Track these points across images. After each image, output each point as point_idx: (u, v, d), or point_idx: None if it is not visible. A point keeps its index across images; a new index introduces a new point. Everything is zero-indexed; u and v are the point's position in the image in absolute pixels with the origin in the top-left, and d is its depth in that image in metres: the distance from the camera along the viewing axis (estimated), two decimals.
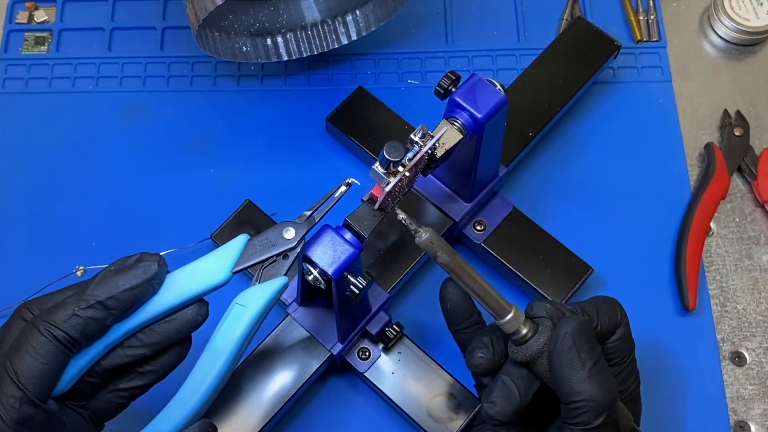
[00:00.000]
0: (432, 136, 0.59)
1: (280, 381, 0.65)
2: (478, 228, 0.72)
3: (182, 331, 0.53)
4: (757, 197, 0.78)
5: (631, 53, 0.83)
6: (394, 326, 0.67)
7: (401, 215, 0.56)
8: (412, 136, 0.58)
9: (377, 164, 0.57)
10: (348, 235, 0.57)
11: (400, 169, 0.57)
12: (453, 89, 0.62)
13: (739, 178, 0.79)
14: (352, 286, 0.56)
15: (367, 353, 0.67)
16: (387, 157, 0.56)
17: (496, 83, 0.62)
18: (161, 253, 0.70)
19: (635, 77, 0.82)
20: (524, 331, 0.54)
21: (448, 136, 0.60)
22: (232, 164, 0.78)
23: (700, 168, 0.79)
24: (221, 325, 0.54)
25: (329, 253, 0.56)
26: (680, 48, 0.84)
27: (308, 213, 0.57)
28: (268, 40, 0.79)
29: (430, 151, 0.59)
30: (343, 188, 0.57)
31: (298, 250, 0.56)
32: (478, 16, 0.85)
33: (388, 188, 0.57)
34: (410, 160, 0.57)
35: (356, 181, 0.57)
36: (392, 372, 0.67)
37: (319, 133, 0.79)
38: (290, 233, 0.56)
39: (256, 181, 0.78)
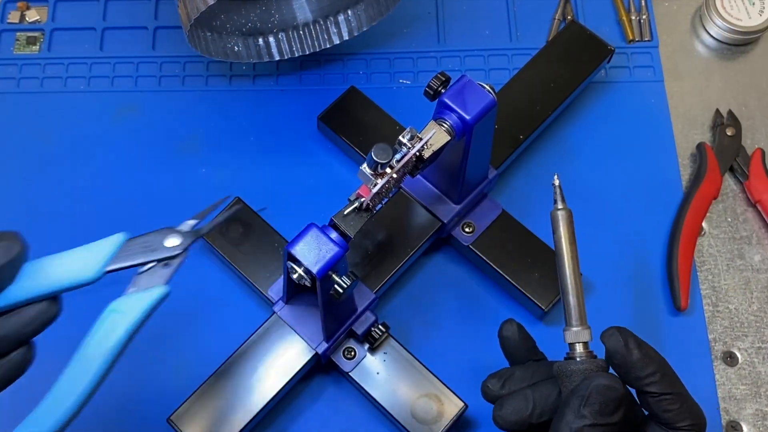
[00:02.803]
0: (420, 138, 0.59)
1: (264, 379, 0.65)
2: (467, 230, 0.72)
3: (29, 328, 0.46)
4: (749, 197, 0.78)
5: (623, 53, 0.83)
6: (380, 326, 0.67)
7: (557, 181, 0.59)
8: (400, 137, 0.59)
9: (365, 165, 0.58)
10: (333, 235, 0.57)
11: (388, 170, 0.57)
12: (442, 90, 0.62)
13: (731, 178, 0.79)
14: (336, 286, 0.56)
15: (353, 353, 0.67)
16: (375, 159, 0.56)
17: (486, 85, 0.62)
18: None
19: (627, 77, 0.82)
20: (578, 350, 0.55)
21: (436, 137, 0.60)
22: (224, 163, 0.78)
23: (692, 168, 0.79)
24: (95, 331, 0.49)
25: (314, 252, 0.56)
26: (672, 48, 0.84)
27: (192, 222, 0.53)
28: (260, 40, 0.79)
29: (418, 153, 0.59)
30: (229, 204, 0.56)
31: (181, 260, 0.52)
32: (469, 15, 0.85)
33: (375, 189, 0.57)
34: (398, 161, 0.58)
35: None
36: (377, 372, 0.67)
37: (310, 132, 0.79)
38: (173, 241, 0.52)
39: (247, 180, 0.78)
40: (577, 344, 0.55)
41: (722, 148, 0.79)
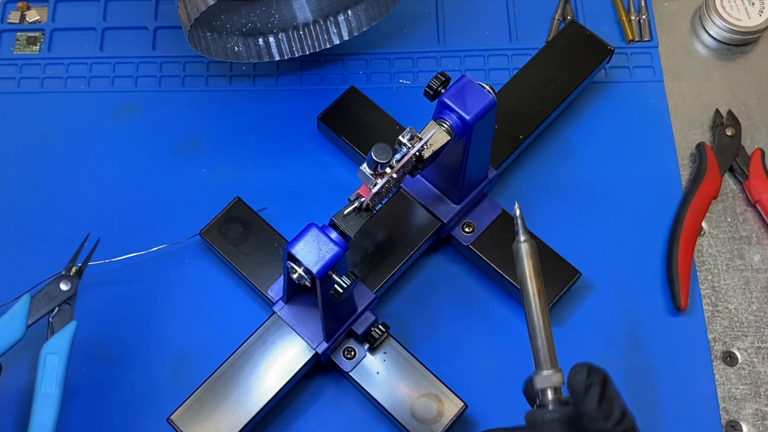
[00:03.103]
0: (420, 138, 0.59)
1: (264, 379, 0.65)
2: (467, 230, 0.72)
3: None
4: (749, 197, 0.78)
5: (622, 53, 0.83)
6: (380, 326, 0.67)
7: (518, 211, 0.54)
8: (400, 137, 0.59)
9: (365, 165, 0.58)
10: (333, 235, 0.57)
11: (388, 170, 0.58)
12: (442, 90, 0.62)
13: (731, 178, 0.79)
14: (336, 286, 0.56)
15: (353, 353, 0.67)
16: (375, 159, 0.56)
17: (486, 85, 0.62)
18: (152, 250, 0.71)
19: (627, 77, 0.82)
20: (550, 396, 0.50)
21: (436, 137, 0.60)
22: (224, 163, 0.78)
23: (691, 168, 0.79)
24: (42, 374, 0.63)
25: (314, 252, 0.56)
26: (672, 48, 0.84)
27: (72, 265, 0.68)
28: (260, 40, 0.79)
29: (417, 153, 0.59)
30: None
31: (75, 297, 0.67)
32: (469, 16, 0.85)
33: (375, 189, 0.57)
34: (398, 161, 0.58)
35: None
36: (377, 372, 0.67)
37: (310, 132, 0.80)
38: (66, 285, 0.67)
39: (247, 180, 0.78)
40: (548, 390, 0.50)
41: (722, 148, 0.79)
